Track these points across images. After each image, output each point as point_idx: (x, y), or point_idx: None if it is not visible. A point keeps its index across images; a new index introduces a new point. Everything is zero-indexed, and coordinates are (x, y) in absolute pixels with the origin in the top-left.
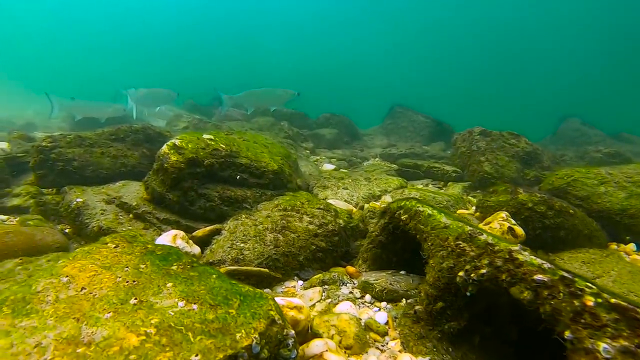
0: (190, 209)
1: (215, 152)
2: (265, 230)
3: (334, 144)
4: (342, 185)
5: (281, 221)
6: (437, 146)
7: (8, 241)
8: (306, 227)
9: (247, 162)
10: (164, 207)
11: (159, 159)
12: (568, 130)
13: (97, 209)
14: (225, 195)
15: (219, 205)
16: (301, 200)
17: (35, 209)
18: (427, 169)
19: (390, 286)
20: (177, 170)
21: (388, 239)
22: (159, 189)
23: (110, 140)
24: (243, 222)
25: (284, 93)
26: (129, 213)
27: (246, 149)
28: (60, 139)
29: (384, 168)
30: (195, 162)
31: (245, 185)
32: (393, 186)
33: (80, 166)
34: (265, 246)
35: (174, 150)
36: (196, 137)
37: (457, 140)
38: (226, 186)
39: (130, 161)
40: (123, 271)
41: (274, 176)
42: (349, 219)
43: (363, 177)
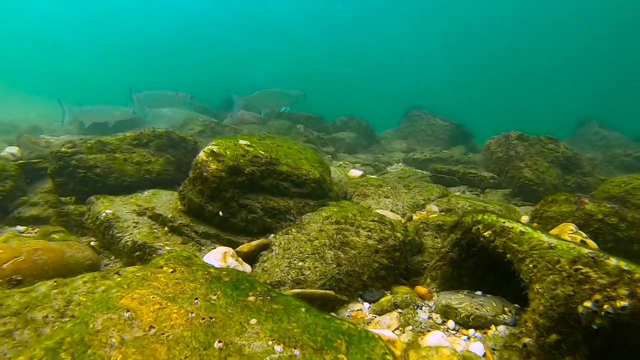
0: (232, 222)
1: (255, 160)
2: (323, 247)
3: (353, 148)
4: (383, 194)
5: (337, 236)
6: (458, 150)
7: (37, 259)
8: (365, 242)
9: (287, 169)
10: (203, 220)
11: (197, 167)
12: (587, 133)
13: (128, 222)
14: (268, 206)
15: (261, 217)
16: (352, 212)
17: (56, 219)
18: (463, 175)
19: (477, 311)
20: (218, 179)
21: (460, 255)
22: (197, 199)
23: (132, 146)
24: (295, 236)
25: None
26: (164, 226)
27: (284, 156)
28: (80, 144)
29: (418, 175)
30: (236, 170)
31: (287, 195)
32: (435, 194)
33: (103, 173)
34: (326, 265)
35: (213, 158)
36: (233, 142)
37: (490, 145)
38: (268, 196)
39: (154, 168)
40: (192, 304)
41: (316, 185)
42: (406, 232)
43: (402, 185)
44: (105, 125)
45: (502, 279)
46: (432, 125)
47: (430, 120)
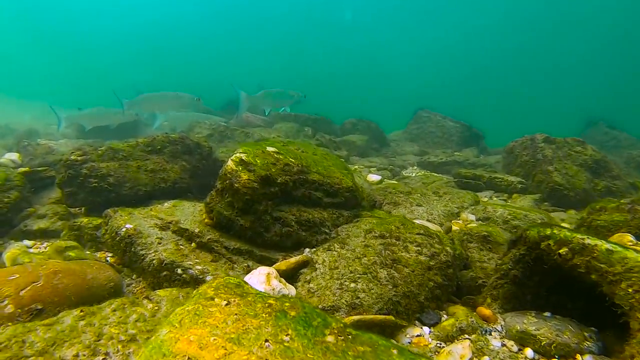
0: (265, 236)
1: (287, 168)
2: (374, 265)
3: (365, 151)
4: (415, 202)
5: (385, 252)
6: (470, 152)
7: (58, 284)
8: (416, 258)
9: (319, 178)
10: (233, 235)
11: (225, 177)
12: (596, 134)
13: (152, 237)
14: (303, 219)
15: (296, 231)
16: (395, 225)
17: (68, 233)
18: (489, 180)
19: (558, 338)
20: (250, 190)
21: (525, 273)
22: (227, 212)
23: (145, 153)
24: (340, 253)
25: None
26: (191, 241)
27: (314, 163)
28: (91, 151)
29: (443, 180)
30: (269, 180)
31: (320, 206)
32: (468, 202)
33: (117, 183)
34: (381, 286)
35: (243, 167)
36: (260, 149)
37: (514, 148)
38: (301, 207)
39: (170, 176)
40: (263, 348)
41: (349, 194)
42: (453, 245)
43: (431, 192)
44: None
45: (569, 297)
46: (441, 126)
47: (440, 122)
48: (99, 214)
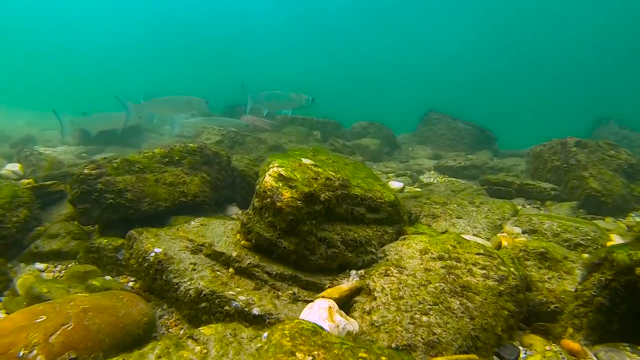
0: (311, 259)
1: (328, 183)
2: (443, 294)
3: (378, 155)
4: (454, 213)
5: (449, 276)
6: (484, 155)
7: (90, 325)
8: (485, 283)
9: (361, 192)
10: (275, 258)
11: (265, 195)
12: (606, 133)
13: (185, 263)
14: (349, 238)
15: (342, 252)
16: (451, 244)
17: (84, 256)
18: (520, 186)
19: None
20: (295, 210)
21: (613, 301)
22: (267, 234)
23: (163, 164)
24: (400, 279)
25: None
26: (228, 266)
27: (352, 176)
28: (105, 164)
29: (473, 188)
30: (313, 197)
31: (363, 222)
32: (508, 212)
33: (135, 198)
34: (457, 319)
35: (283, 183)
36: (297, 162)
37: (543, 153)
38: (344, 225)
39: (190, 189)
40: None
41: (392, 209)
42: (516, 265)
43: (467, 201)
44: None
45: None
46: (452, 129)
47: (451, 124)
48: (116, 233)
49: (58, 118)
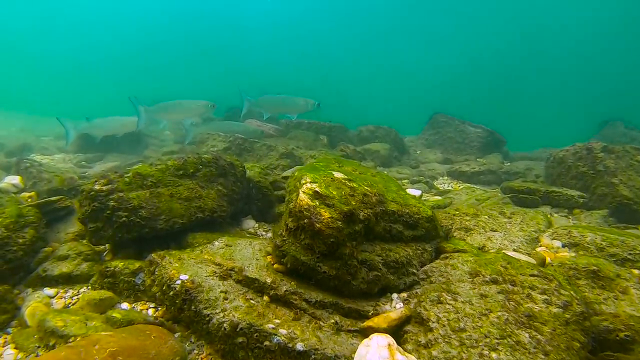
0: (352, 284)
1: (366, 200)
2: (507, 324)
3: (388, 160)
4: (487, 226)
5: (509, 303)
6: (495, 159)
7: None
8: (549, 310)
9: (397, 208)
10: (314, 284)
11: (301, 215)
12: (613, 134)
13: (215, 291)
14: (390, 260)
15: (384, 275)
16: (501, 264)
17: (99, 280)
18: (545, 194)
19: None
20: (335, 231)
21: None
22: (305, 258)
23: (177, 177)
24: (455, 307)
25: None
26: (262, 294)
27: (384, 189)
28: (116, 179)
29: (498, 196)
30: (353, 217)
31: (401, 241)
32: (542, 223)
33: (150, 216)
34: (530, 355)
35: (320, 202)
36: (329, 177)
37: (566, 158)
38: (383, 245)
39: (207, 204)
40: None
41: (429, 224)
42: (573, 287)
43: (497, 212)
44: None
45: None
46: (461, 131)
47: (459, 127)
48: (130, 252)
49: (62, 124)
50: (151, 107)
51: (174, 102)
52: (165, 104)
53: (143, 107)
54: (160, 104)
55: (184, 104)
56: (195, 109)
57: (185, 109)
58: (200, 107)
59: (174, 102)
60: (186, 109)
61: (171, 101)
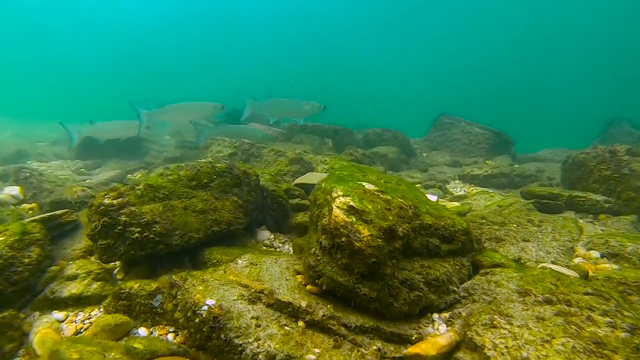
0: (394, 307)
1: (403, 214)
2: (576, 353)
3: (397, 164)
4: (518, 235)
5: (569, 326)
6: (504, 160)
7: None
8: (615, 335)
9: (433, 221)
10: (351, 307)
11: (338, 232)
12: (619, 134)
13: (245, 317)
14: (431, 278)
15: (426, 294)
16: (550, 281)
17: (113, 303)
18: (569, 199)
19: None
20: (376, 250)
21: None
22: (342, 279)
23: (190, 188)
24: (512, 331)
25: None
26: (296, 319)
27: (415, 199)
28: (127, 191)
29: (521, 202)
30: (393, 234)
31: (438, 256)
32: (574, 232)
33: (164, 231)
34: None
35: (357, 217)
36: (360, 188)
37: (587, 161)
38: (422, 262)
39: (223, 216)
40: None
41: (465, 237)
42: (633, 305)
43: (524, 219)
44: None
45: None
46: (467, 133)
47: (466, 128)
48: (143, 270)
49: (65, 128)
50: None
51: (181, 104)
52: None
53: (144, 111)
54: (167, 106)
55: (192, 106)
56: (204, 111)
57: (194, 111)
58: (209, 109)
59: (181, 104)
60: (195, 111)
61: (178, 103)
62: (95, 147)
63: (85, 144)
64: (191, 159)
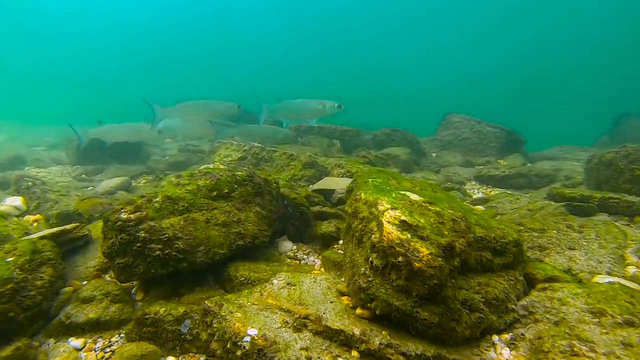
0: (456, 331)
1: (457, 227)
2: None
3: (408, 165)
4: (561, 243)
5: None
6: (517, 160)
7: None
8: None
9: (484, 233)
10: (409, 332)
11: (392, 251)
12: (628, 129)
13: (294, 349)
14: (490, 297)
15: (487, 315)
16: (624, 298)
17: (137, 329)
18: (601, 200)
19: None
20: (438, 270)
21: None
22: (399, 302)
23: (211, 199)
24: None
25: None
26: (349, 348)
27: (462, 210)
28: (144, 204)
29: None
30: (453, 251)
31: (491, 270)
32: (620, 237)
33: (188, 247)
34: None
35: (412, 234)
36: (406, 199)
37: (615, 160)
38: (478, 278)
39: (248, 229)
40: None
41: (517, 249)
42: None
43: (562, 225)
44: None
45: None
46: (477, 132)
47: (475, 127)
48: (165, 291)
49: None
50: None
51: (198, 102)
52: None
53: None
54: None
55: (211, 105)
56: (223, 110)
57: (213, 109)
58: (228, 109)
59: (198, 102)
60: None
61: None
62: (95, 152)
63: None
64: (195, 163)
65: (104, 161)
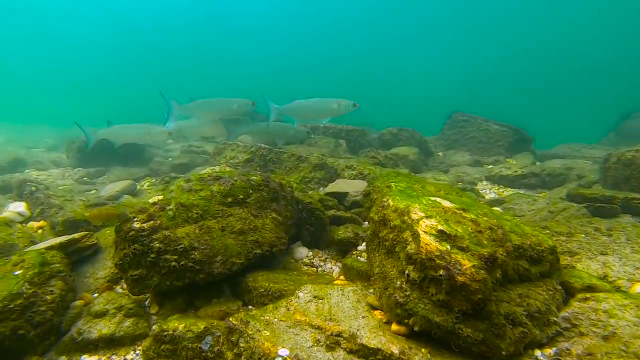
0: (501, 349)
1: (494, 236)
2: None
3: (417, 165)
4: (592, 248)
5: None
6: (526, 159)
7: None
8: None
9: (519, 241)
10: (449, 350)
11: (432, 264)
12: (635, 126)
13: None
14: (533, 309)
15: (530, 329)
16: None
17: (154, 347)
18: (624, 201)
19: None
20: (482, 284)
21: None
22: (439, 318)
23: (225, 206)
24: None
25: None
26: None
27: (494, 215)
28: (157, 212)
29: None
30: (495, 263)
31: (529, 280)
32: None
33: (204, 258)
34: None
35: (451, 245)
36: (438, 206)
37: (636, 159)
38: (517, 289)
39: (265, 236)
40: None
41: (553, 257)
42: None
43: (590, 228)
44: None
45: None
46: (484, 130)
47: (482, 126)
48: (180, 303)
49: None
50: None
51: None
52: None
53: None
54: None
55: (226, 102)
56: (238, 107)
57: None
58: (243, 106)
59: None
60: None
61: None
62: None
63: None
64: (200, 165)
65: (106, 163)
